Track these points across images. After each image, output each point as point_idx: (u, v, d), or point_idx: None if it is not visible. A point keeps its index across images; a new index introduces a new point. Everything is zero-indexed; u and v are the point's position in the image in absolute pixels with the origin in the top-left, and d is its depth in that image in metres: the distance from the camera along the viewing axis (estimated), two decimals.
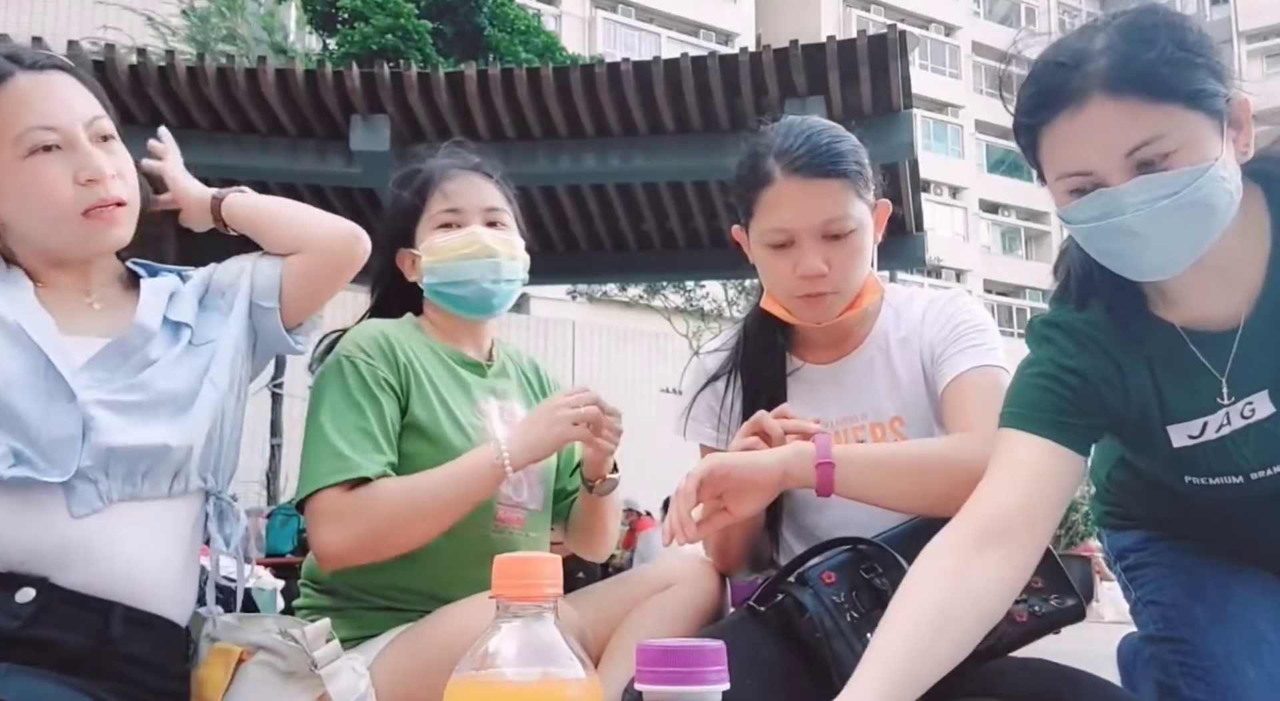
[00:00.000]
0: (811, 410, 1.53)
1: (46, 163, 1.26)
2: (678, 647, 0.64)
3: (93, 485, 1.22)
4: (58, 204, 1.28)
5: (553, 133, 5.99)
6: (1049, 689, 1.21)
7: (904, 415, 1.51)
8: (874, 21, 30.19)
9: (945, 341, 1.50)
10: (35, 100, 1.27)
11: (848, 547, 1.39)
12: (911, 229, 6.75)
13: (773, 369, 1.55)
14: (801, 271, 1.42)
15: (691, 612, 1.55)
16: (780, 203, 1.43)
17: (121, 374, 1.29)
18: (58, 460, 1.21)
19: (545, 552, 1.72)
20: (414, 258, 1.70)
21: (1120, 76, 1.10)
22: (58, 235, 1.31)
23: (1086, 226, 1.16)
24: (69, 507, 1.20)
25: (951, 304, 1.55)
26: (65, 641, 1.18)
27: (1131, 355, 1.28)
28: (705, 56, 5.66)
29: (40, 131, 1.26)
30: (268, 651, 1.29)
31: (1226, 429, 1.27)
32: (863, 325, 1.56)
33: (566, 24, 27.97)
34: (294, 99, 5.81)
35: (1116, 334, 1.28)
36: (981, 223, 37.48)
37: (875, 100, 5.60)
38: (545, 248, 7.26)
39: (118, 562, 1.23)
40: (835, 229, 1.43)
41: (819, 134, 1.45)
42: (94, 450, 1.22)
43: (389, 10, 13.97)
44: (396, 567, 1.54)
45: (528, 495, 1.67)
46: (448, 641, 1.36)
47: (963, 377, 1.45)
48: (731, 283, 16.47)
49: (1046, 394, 1.26)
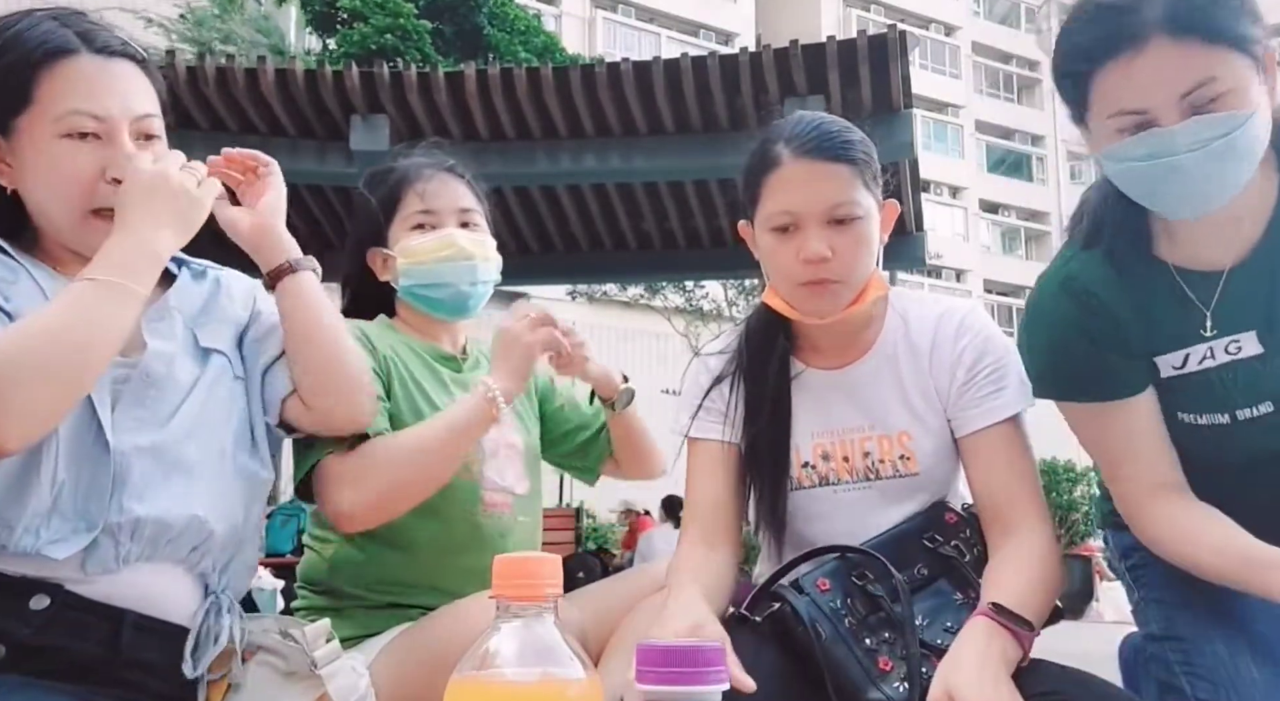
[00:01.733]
0: (817, 417, 1.52)
1: (78, 149, 1.22)
2: (678, 647, 0.64)
3: (113, 544, 1.18)
4: (70, 194, 1.24)
5: (553, 132, 5.99)
6: (1049, 689, 1.21)
7: (911, 429, 1.48)
8: (874, 21, 30.20)
9: (965, 380, 1.46)
10: (91, 84, 1.23)
11: (835, 555, 1.39)
12: (911, 229, 6.75)
13: (775, 373, 1.52)
14: (805, 255, 1.40)
15: None
16: (786, 185, 1.42)
17: (155, 413, 1.24)
18: (86, 513, 1.17)
19: (538, 536, 1.76)
20: (385, 257, 1.71)
21: (1181, 17, 1.16)
22: (59, 223, 1.26)
23: (1133, 165, 1.23)
24: (83, 563, 1.17)
25: (969, 330, 1.49)
26: (75, 648, 1.16)
27: (1126, 302, 1.36)
28: (705, 56, 5.66)
29: (83, 117, 1.22)
30: (268, 652, 1.29)
31: (1210, 362, 1.35)
32: (868, 330, 1.53)
33: (566, 24, 27.98)
34: (294, 99, 5.82)
35: (1110, 285, 1.36)
36: (981, 223, 37.48)
37: (875, 100, 5.60)
38: (545, 248, 7.26)
39: (131, 574, 1.21)
40: (841, 213, 1.41)
41: (829, 123, 1.46)
42: (122, 510, 1.18)
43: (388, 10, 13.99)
44: (390, 560, 1.56)
45: (512, 478, 1.68)
46: (448, 640, 1.36)
47: (986, 433, 1.43)
48: (731, 283, 16.47)
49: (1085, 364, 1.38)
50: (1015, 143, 38.99)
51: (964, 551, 1.43)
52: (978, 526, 1.45)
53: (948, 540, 1.43)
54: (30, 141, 1.22)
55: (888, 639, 1.33)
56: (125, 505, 1.18)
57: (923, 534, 1.44)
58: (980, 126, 37.70)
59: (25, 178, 1.24)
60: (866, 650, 1.32)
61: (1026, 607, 1.25)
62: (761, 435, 1.51)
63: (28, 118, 1.21)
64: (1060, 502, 19.71)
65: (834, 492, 1.50)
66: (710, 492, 1.51)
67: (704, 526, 1.48)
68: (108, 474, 1.18)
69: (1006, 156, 38.78)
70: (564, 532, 11.05)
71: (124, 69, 1.26)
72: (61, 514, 1.16)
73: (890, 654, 1.31)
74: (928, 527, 1.44)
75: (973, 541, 1.44)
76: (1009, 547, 1.37)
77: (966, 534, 1.45)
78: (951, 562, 1.42)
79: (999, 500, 1.41)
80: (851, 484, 1.49)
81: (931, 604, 1.36)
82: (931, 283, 31.99)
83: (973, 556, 1.42)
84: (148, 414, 1.24)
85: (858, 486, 1.49)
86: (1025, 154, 39.17)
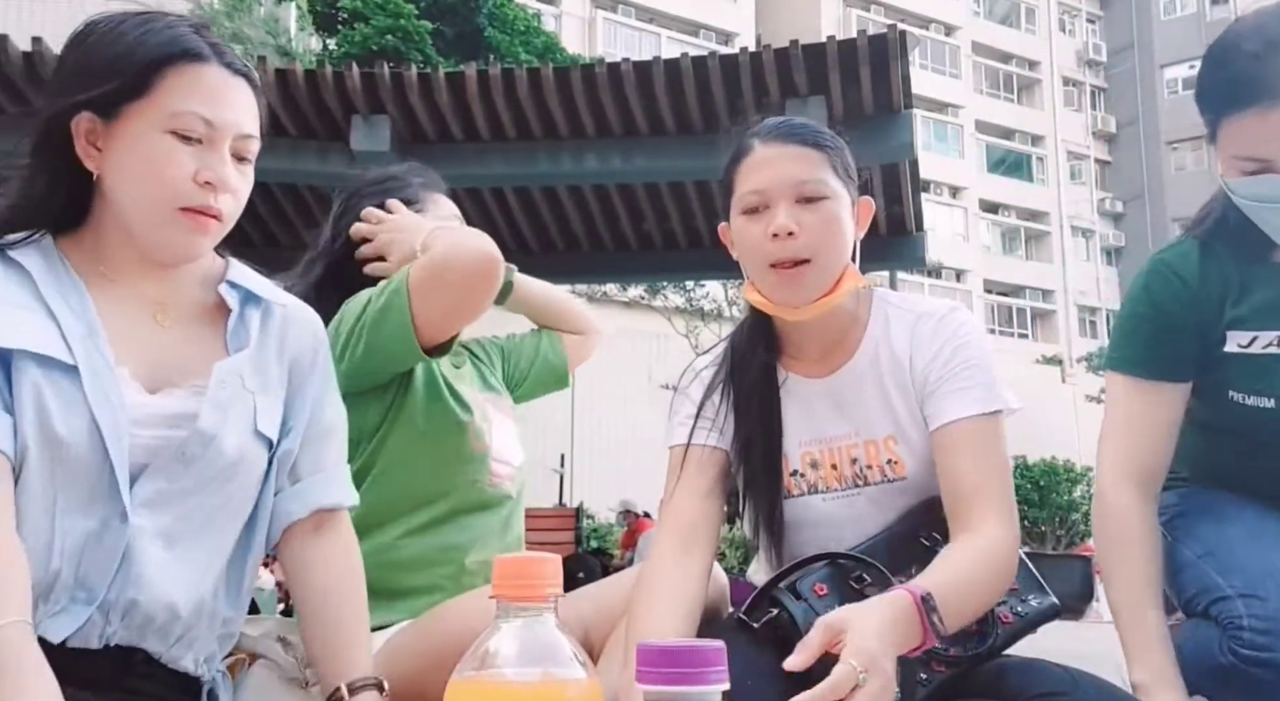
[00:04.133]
0: (804, 425, 1.51)
1: (179, 148, 1.20)
2: (678, 647, 0.64)
3: (102, 623, 1.13)
4: (162, 188, 1.20)
5: (553, 133, 5.99)
6: (1049, 689, 1.21)
7: (897, 433, 1.48)
8: (874, 21, 30.19)
9: (939, 375, 1.45)
10: (214, 92, 1.23)
11: (826, 561, 1.39)
12: (911, 229, 6.74)
13: (760, 380, 1.51)
14: (772, 229, 1.41)
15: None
16: (756, 167, 1.45)
17: (179, 487, 1.18)
18: (86, 584, 1.12)
19: (521, 509, 1.82)
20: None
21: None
22: (145, 218, 1.21)
23: (1254, 203, 1.41)
24: (65, 638, 1.11)
25: (945, 328, 1.49)
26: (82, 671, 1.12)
27: (1213, 280, 1.53)
28: (705, 56, 5.65)
29: (197, 120, 1.21)
30: (267, 658, 1.30)
31: (1273, 349, 1.50)
32: (850, 335, 1.52)
33: (566, 24, 27.99)
34: (295, 99, 5.81)
35: (1193, 265, 1.54)
36: (981, 223, 37.47)
37: (875, 100, 5.60)
38: (546, 248, 7.26)
39: (103, 655, 1.16)
40: (808, 192, 1.42)
41: (800, 119, 1.51)
42: (122, 589, 1.13)
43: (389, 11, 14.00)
44: (405, 541, 1.64)
45: (510, 454, 1.79)
46: (450, 636, 1.37)
47: (957, 426, 1.42)
48: (731, 283, 16.46)
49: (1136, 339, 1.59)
50: (1015, 143, 38.98)
51: None
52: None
53: (945, 536, 1.43)
54: (133, 130, 1.20)
55: None
56: (125, 586, 1.13)
57: (917, 533, 1.44)
58: (980, 126, 37.70)
59: (116, 164, 1.21)
60: None
61: (949, 608, 1.22)
62: (754, 443, 1.50)
63: (139, 107, 1.20)
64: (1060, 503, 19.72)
65: (822, 501, 1.50)
66: (690, 498, 1.48)
67: (680, 533, 1.45)
68: (119, 548, 1.13)
69: (1006, 156, 38.77)
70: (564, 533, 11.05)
71: (243, 88, 1.26)
72: (63, 582, 1.11)
73: None
74: (922, 526, 1.44)
75: None
76: (959, 542, 1.35)
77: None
78: None
79: (962, 495, 1.38)
80: (840, 492, 1.49)
81: None
82: (931, 283, 32.00)
83: None
84: (172, 491, 1.18)
85: (846, 494, 1.49)
86: (1025, 154, 39.16)
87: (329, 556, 1.30)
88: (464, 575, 1.65)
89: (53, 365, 1.12)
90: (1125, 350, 1.61)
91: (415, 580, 1.62)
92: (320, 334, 1.39)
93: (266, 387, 1.28)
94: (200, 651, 1.22)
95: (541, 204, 6.81)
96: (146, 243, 1.23)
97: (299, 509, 1.30)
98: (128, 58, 1.19)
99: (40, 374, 1.11)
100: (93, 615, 1.12)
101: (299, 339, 1.34)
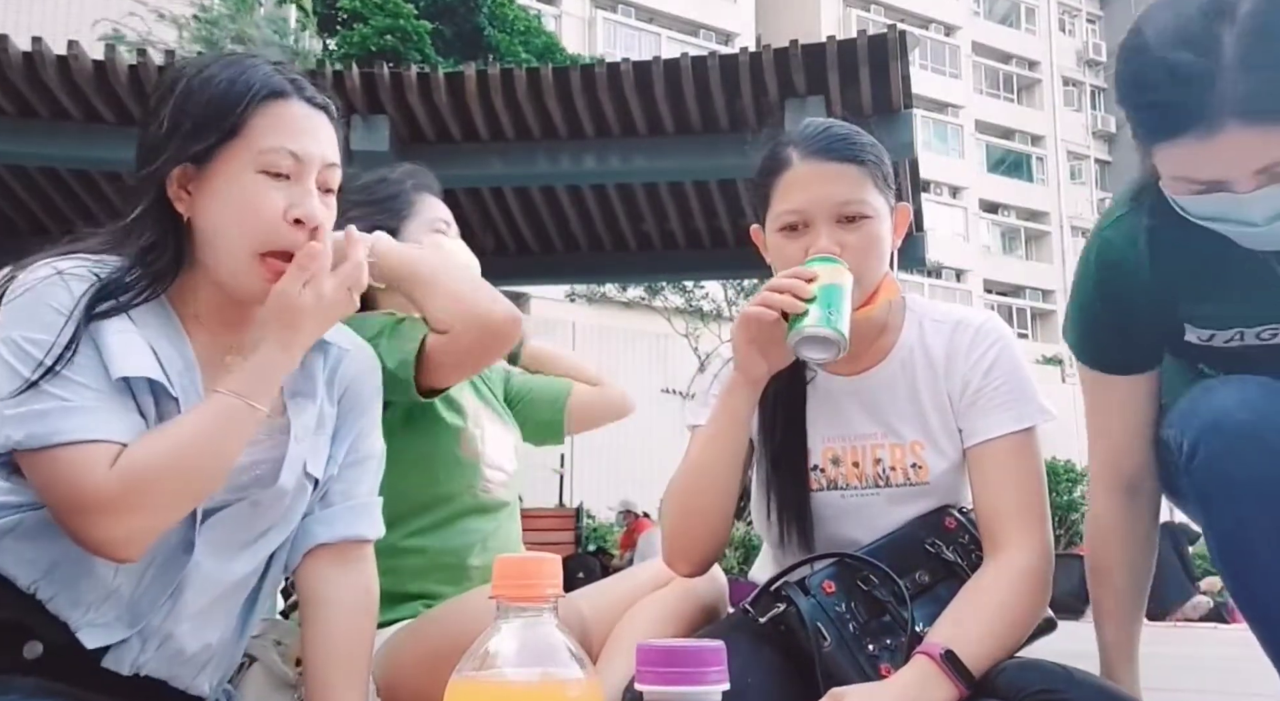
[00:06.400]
0: (829, 421, 1.51)
1: (270, 185, 1.22)
2: (678, 647, 0.64)
3: (139, 648, 1.18)
4: (254, 227, 1.21)
5: (553, 133, 5.98)
6: (1049, 688, 1.21)
7: (924, 439, 1.47)
8: (874, 21, 30.21)
9: (977, 387, 1.45)
10: (298, 126, 1.25)
11: (834, 560, 1.39)
12: (911, 229, 6.72)
13: (788, 372, 1.48)
14: (814, 252, 1.39)
15: (689, 609, 1.56)
16: (795, 185, 1.43)
17: (236, 540, 1.25)
18: (135, 607, 1.17)
19: (517, 514, 1.87)
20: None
21: (1257, 105, 1.12)
22: (227, 257, 1.23)
23: (1205, 222, 1.26)
24: (100, 655, 1.15)
25: (984, 338, 1.49)
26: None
27: (1167, 283, 1.41)
28: (705, 56, 5.65)
29: (284, 155, 1.23)
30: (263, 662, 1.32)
31: (1236, 343, 1.40)
32: (883, 337, 1.52)
33: (566, 24, 27.98)
34: None
35: (1159, 267, 1.40)
36: (981, 222, 37.47)
37: (875, 100, 5.59)
38: (545, 248, 7.25)
39: (128, 681, 1.20)
40: (850, 212, 1.41)
41: (838, 126, 1.48)
42: (164, 619, 1.19)
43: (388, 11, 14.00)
44: (406, 543, 1.63)
45: (504, 462, 1.80)
46: (449, 635, 1.37)
47: (991, 445, 1.42)
48: (731, 283, 16.46)
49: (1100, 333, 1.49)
50: (1015, 143, 38.97)
51: (963, 556, 1.43)
52: (977, 530, 1.45)
53: (948, 545, 1.43)
54: (225, 172, 1.22)
55: (889, 646, 1.33)
56: (168, 618, 1.18)
57: (923, 539, 1.44)
58: (980, 126, 37.69)
59: (207, 207, 1.23)
60: (869, 656, 1.32)
61: (975, 656, 1.24)
62: (776, 433, 1.50)
63: (230, 149, 1.22)
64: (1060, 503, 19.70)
65: (841, 497, 1.49)
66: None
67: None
68: (174, 579, 1.19)
69: (1006, 156, 38.77)
70: (564, 533, 11.04)
71: (323, 120, 1.30)
72: (118, 597, 1.16)
73: (892, 661, 1.31)
74: (928, 532, 1.44)
75: (970, 547, 1.44)
76: (990, 569, 1.37)
77: (965, 539, 1.44)
78: (952, 568, 1.42)
79: (996, 514, 1.39)
80: (860, 489, 1.48)
81: (932, 610, 1.35)
82: (931, 283, 32.00)
83: (969, 562, 1.42)
84: (230, 539, 1.24)
85: (866, 492, 1.48)
86: (1025, 154, 39.15)
87: (345, 597, 1.32)
88: (465, 579, 1.65)
89: (162, 392, 1.18)
90: (1085, 344, 1.53)
91: (417, 583, 1.62)
92: (375, 375, 1.43)
93: (321, 429, 1.32)
94: (217, 675, 1.27)
95: (540, 204, 6.80)
96: (229, 282, 1.25)
97: (325, 533, 1.33)
98: (220, 104, 1.22)
99: (150, 400, 1.17)
100: (131, 638, 1.16)
101: (355, 379, 1.39)
